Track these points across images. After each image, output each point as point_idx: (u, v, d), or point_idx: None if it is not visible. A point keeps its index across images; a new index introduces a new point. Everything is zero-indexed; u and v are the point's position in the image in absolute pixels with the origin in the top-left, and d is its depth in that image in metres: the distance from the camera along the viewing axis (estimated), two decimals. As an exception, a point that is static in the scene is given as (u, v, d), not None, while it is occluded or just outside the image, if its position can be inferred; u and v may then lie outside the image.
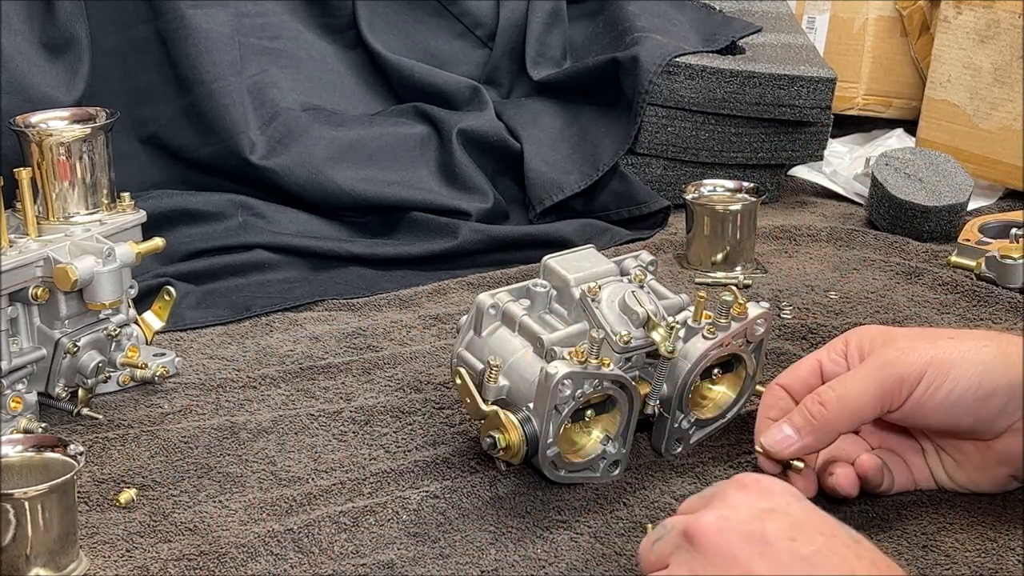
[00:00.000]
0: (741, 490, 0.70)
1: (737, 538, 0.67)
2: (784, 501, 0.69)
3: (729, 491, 0.70)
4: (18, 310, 1.00)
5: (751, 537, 0.67)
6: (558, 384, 0.84)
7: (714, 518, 0.68)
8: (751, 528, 0.67)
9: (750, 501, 0.69)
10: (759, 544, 0.66)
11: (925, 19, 1.83)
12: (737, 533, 0.67)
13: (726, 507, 0.69)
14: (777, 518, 0.67)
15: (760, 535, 0.66)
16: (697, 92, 1.55)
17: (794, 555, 0.65)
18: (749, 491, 0.70)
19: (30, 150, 1.04)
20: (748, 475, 0.71)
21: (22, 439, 0.84)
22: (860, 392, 0.81)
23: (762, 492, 0.69)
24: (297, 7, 1.65)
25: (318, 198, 1.47)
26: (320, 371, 1.10)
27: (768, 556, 0.66)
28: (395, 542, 0.84)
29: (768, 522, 0.67)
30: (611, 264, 0.97)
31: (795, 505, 0.69)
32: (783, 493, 0.70)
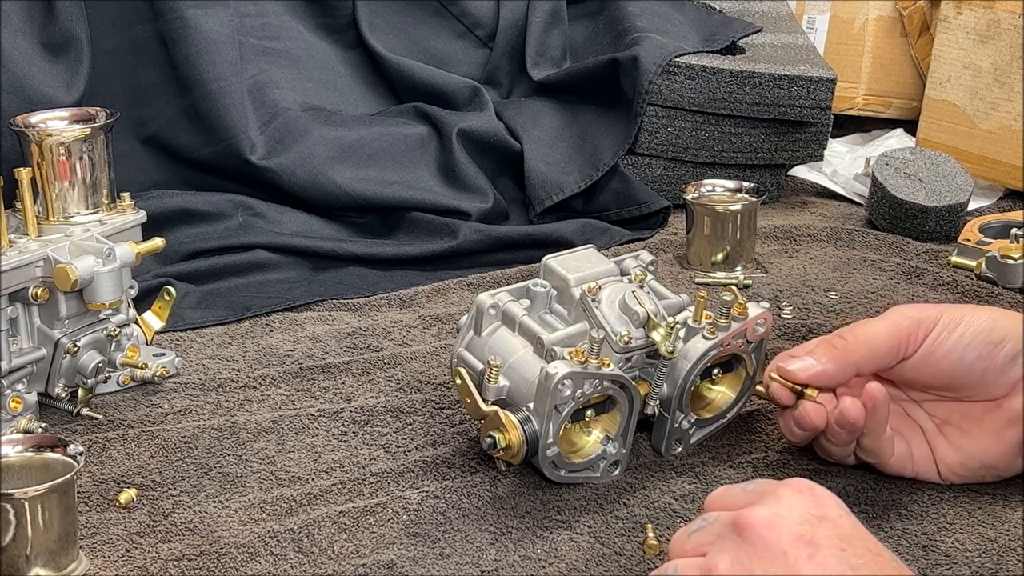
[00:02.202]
0: (796, 493, 0.70)
1: (789, 537, 0.67)
2: (836, 513, 0.69)
3: (783, 492, 0.70)
4: (18, 310, 1.00)
5: (802, 539, 0.67)
6: (558, 384, 0.84)
7: (767, 514, 0.68)
8: (802, 531, 0.67)
9: (803, 505, 0.69)
10: (809, 547, 0.67)
11: (925, 19, 1.83)
12: (789, 533, 0.67)
13: (780, 506, 0.69)
14: (828, 526, 0.68)
15: (811, 538, 0.67)
16: (697, 92, 1.55)
17: (841, 562, 0.66)
18: (804, 496, 0.70)
19: (30, 150, 1.04)
20: (802, 481, 0.71)
21: (22, 439, 0.84)
22: (878, 331, 0.84)
23: (816, 499, 0.70)
24: (297, 7, 1.65)
25: (318, 198, 1.47)
26: (320, 371, 1.10)
27: (816, 560, 0.66)
28: (395, 542, 0.84)
29: (819, 528, 0.67)
30: (611, 264, 0.97)
31: (846, 518, 0.69)
32: (835, 505, 0.70)
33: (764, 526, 0.68)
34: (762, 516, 0.68)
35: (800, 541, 0.67)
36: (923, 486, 0.88)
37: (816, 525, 0.68)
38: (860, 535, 0.68)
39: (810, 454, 0.94)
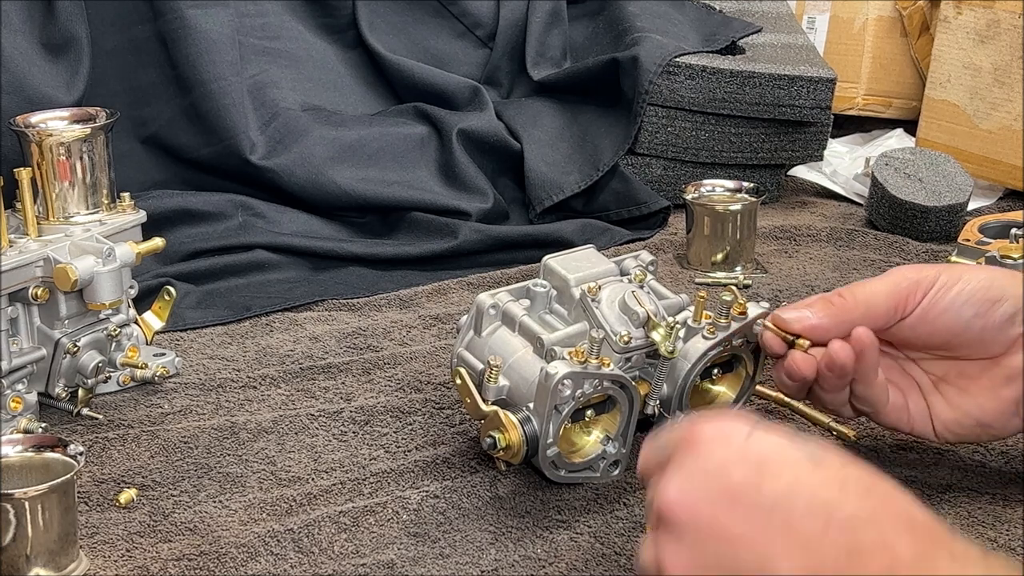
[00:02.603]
0: (692, 449, 0.64)
1: (706, 505, 0.62)
2: (735, 447, 0.63)
3: (681, 454, 0.65)
4: (18, 310, 1.00)
5: (716, 502, 0.62)
6: (558, 384, 0.84)
7: (676, 492, 0.63)
8: (712, 493, 0.62)
9: (704, 458, 0.63)
10: (728, 504, 0.61)
11: (925, 19, 1.83)
12: (703, 502, 0.62)
13: (683, 473, 0.64)
14: (735, 467, 0.62)
15: (725, 496, 0.62)
16: (697, 92, 1.55)
17: (762, 506, 0.61)
18: (700, 447, 0.64)
19: (30, 150, 1.04)
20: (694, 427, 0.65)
21: (22, 439, 0.84)
22: (877, 290, 0.83)
23: (711, 444, 0.64)
24: (297, 7, 1.65)
25: (318, 198, 1.47)
26: (320, 371, 1.10)
27: (741, 512, 0.61)
28: (395, 542, 0.84)
29: (726, 478, 0.62)
30: (611, 264, 0.97)
31: (747, 444, 0.63)
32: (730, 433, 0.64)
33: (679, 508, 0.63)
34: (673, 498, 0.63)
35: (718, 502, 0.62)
36: (923, 486, 0.88)
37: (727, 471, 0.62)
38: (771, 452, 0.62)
39: (810, 454, 0.94)
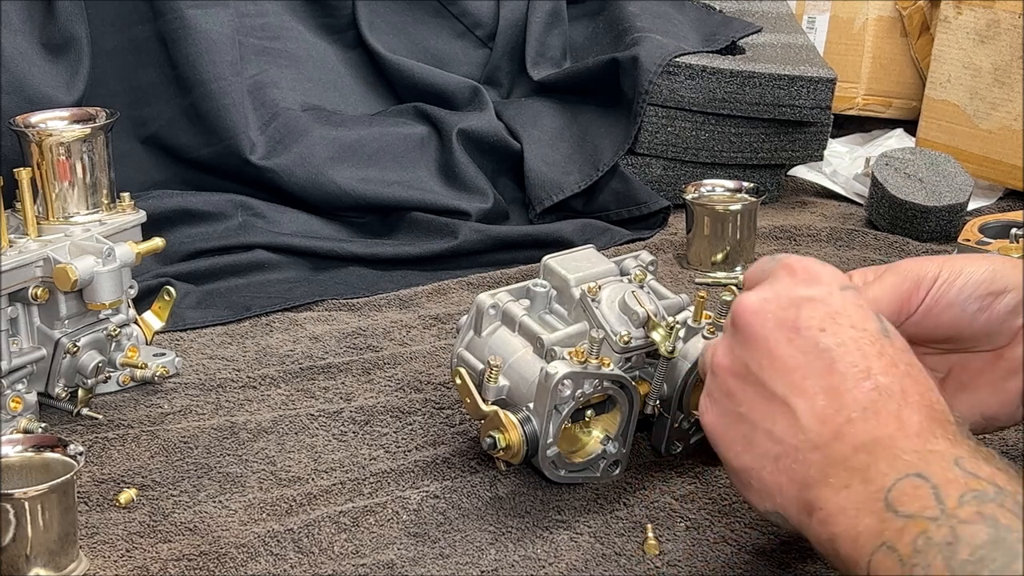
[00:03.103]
0: (788, 273, 0.71)
1: (772, 321, 0.69)
2: (826, 290, 0.70)
3: (778, 272, 0.72)
4: (18, 310, 1.00)
5: (783, 323, 0.69)
6: (558, 384, 0.84)
7: (755, 299, 0.70)
8: (786, 315, 0.69)
9: (793, 285, 0.70)
10: (789, 331, 0.68)
11: (925, 19, 1.83)
12: (773, 317, 0.69)
13: (770, 289, 0.71)
14: (813, 306, 0.69)
15: (792, 322, 0.68)
16: (697, 92, 1.55)
17: (817, 346, 0.67)
18: (795, 275, 0.71)
19: (30, 150, 1.04)
20: (795, 258, 0.72)
21: (22, 439, 0.84)
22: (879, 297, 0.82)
23: (807, 277, 0.71)
24: (297, 7, 1.65)
25: (318, 198, 1.47)
26: (320, 371, 1.10)
27: (795, 344, 0.68)
28: (395, 542, 0.84)
29: (804, 309, 0.69)
30: (611, 264, 0.97)
31: (836, 295, 0.70)
32: (828, 281, 0.70)
33: (750, 312, 0.70)
34: (751, 302, 0.70)
35: (782, 325, 0.69)
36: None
37: (802, 306, 0.69)
38: (847, 311, 0.69)
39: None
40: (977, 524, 0.56)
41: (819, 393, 0.67)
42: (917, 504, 0.59)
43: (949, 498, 0.58)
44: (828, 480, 0.64)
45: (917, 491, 0.59)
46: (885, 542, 0.59)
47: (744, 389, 0.70)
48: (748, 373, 0.70)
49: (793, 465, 0.67)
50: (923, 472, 0.60)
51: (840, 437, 0.65)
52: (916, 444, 0.63)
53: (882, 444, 0.63)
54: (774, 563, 0.80)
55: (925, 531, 0.57)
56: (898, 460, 0.62)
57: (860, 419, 0.65)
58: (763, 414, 0.69)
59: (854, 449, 0.64)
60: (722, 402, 0.72)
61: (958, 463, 0.61)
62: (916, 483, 0.60)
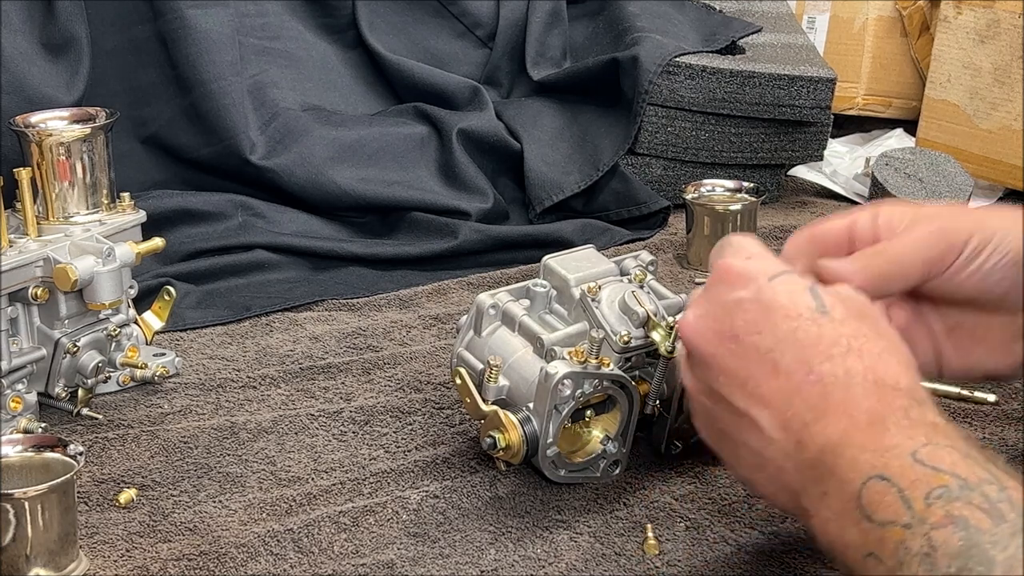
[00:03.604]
0: (719, 280, 0.71)
1: (713, 336, 0.69)
2: (754, 287, 0.69)
3: (710, 284, 0.71)
4: (18, 310, 1.00)
5: (723, 335, 0.69)
6: (558, 384, 0.84)
7: (692, 318, 0.71)
8: (722, 326, 0.69)
9: (725, 291, 0.70)
10: (729, 341, 0.68)
11: (925, 19, 1.83)
12: (712, 332, 0.69)
13: (705, 303, 0.71)
14: (745, 309, 0.68)
15: (729, 332, 0.68)
16: (697, 92, 1.55)
17: (758, 350, 0.67)
18: (724, 280, 0.70)
19: (30, 150, 1.04)
20: (726, 259, 0.71)
21: (22, 439, 0.84)
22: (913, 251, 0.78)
23: (735, 279, 0.70)
24: (297, 7, 1.65)
25: (318, 198, 1.47)
26: (320, 371, 1.10)
27: (738, 354, 0.68)
28: (395, 542, 0.84)
29: (737, 316, 0.68)
30: (611, 264, 0.97)
31: (765, 289, 0.68)
32: (755, 275, 0.69)
33: (692, 332, 0.70)
34: (689, 322, 0.71)
35: (722, 338, 0.68)
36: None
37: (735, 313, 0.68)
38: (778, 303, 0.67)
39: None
40: (948, 528, 0.56)
41: (773, 399, 0.66)
42: (889, 511, 0.59)
43: (916, 500, 0.58)
44: (808, 489, 0.64)
45: (884, 497, 0.59)
46: (871, 552, 0.59)
47: (715, 407, 0.70)
48: (712, 391, 0.70)
49: (777, 475, 0.67)
50: (884, 473, 0.60)
51: (802, 444, 0.65)
52: (871, 439, 0.62)
53: (839, 445, 0.63)
54: (774, 563, 0.80)
55: (903, 541, 0.58)
56: (858, 462, 0.62)
57: (813, 421, 0.65)
58: (735, 429, 0.69)
59: (817, 455, 0.64)
60: (703, 420, 0.73)
61: (916, 457, 0.60)
62: (881, 487, 0.60)
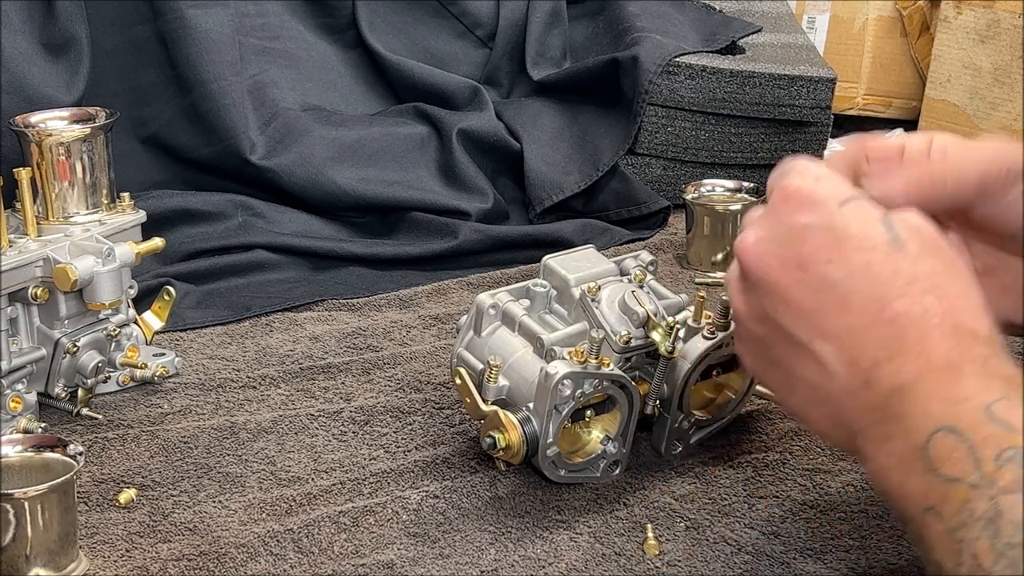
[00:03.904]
0: (784, 202, 0.66)
1: (776, 262, 0.65)
2: (825, 212, 0.64)
3: (773, 206, 0.66)
4: (18, 310, 1.00)
5: (787, 263, 0.65)
6: (558, 384, 0.84)
7: (753, 240, 0.66)
8: (788, 252, 0.65)
9: (790, 213, 0.65)
10: (795, 270, 0.64)
11: (925, 19, 1.84)
12: (775, 257, 0.65)
13: (768, 224, 0.66)
14: (814, 236, 0.64)
15: (796, 259, 0.64)
16: (697, 92, 1.55)
17: (827, 281, 0.63)
18: (790, 203, 0.65)
19: (30, 150, 1.04)
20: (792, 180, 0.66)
21: (22, 439, 0.84)
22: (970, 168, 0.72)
23: (803, 203, 0.65)
24: (297, 7, 1.65)
25: (318, 198, 1.47)
26: (320, 371, 1.10)
27: (804, 284, 0.64)
28: (395, 542, 0.84)
29: (805, 242, 0.64)
30: (611, 264, 0.97)
31: (836, 215, 0.64)
32: (825, 199, 0.65)
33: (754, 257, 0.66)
34: (750, 245, 0.66)
35: (787, 265, 0.65)
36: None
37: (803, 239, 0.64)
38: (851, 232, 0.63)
39: (811, 453, 0.94)
40: (1017, 495, 0.54)
41: (841, 335, 0.63)
42: (956, 467, 0.56)
43: (985, 460, 0.56)
44: (869, 431, 0.62)
45: (953, 452, 0.57)
46: (932, 507, 0.57)
47: (769, 334, 0.67)
48: (767, 319, 0.66)
49: (835, 412, 0.64)
50: (955, 426, 0.57)
51: (869, 384, 0.62)
52: (944, 387, 0.59)
53: (911, 390, 0.60)
54: (774, 563, 0.80)
55: (968, 501, 0.55)
56: (928, 410, 0.59)
57: (885, 360, 0.61)
58: (793, 361, 0.65)
59: (885, 397, 0.61)
60: (752, 348, 0.69)
61: (989, 411, 0.57)
62: (950, 441, 0.57)
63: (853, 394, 0.62)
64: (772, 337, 0.66)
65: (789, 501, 0.88)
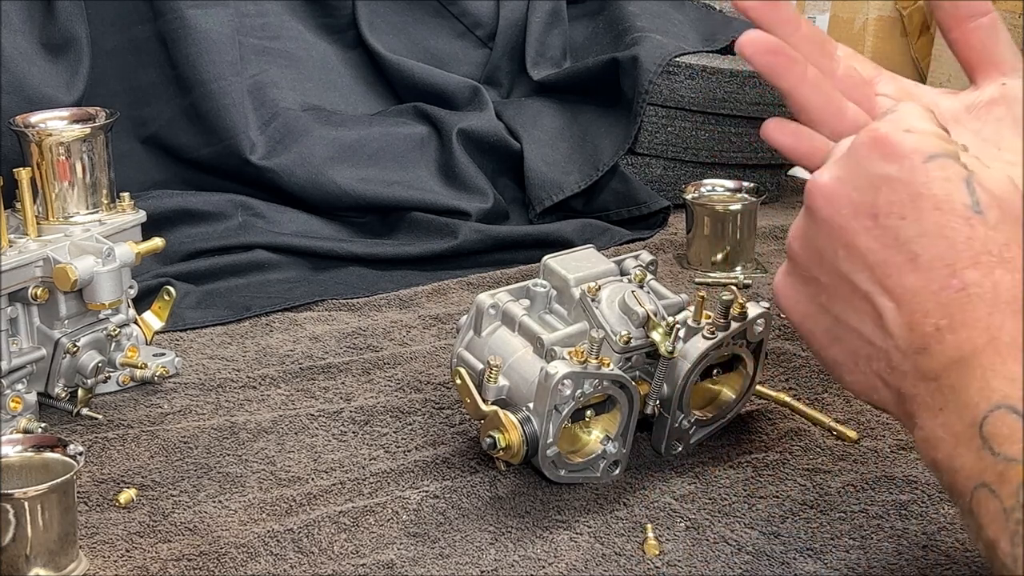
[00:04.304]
0: (868, 147, 0.63)
1: (848, 207, 0.62)
2: (908, 164, 0.61)
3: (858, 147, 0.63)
4: (18, 310, 1.00)
5: (860, 209, 0.62)
6: (558, 384, 0.84)
7: (829, 179, 0.64)
8: (863, 199, 0.62)
9: (872, 160, 0.62)
10: (867, 219, 0.62)
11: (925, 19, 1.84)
12: (848, 202, 0.62)
13: (847, 166, 0.63)
14: (892, 188, 0.61)
15: (870, 208, 0.62)
16: (697, 92, 1.55)
17: (898, 238, 0.60)
18: (874, 149, 0.62)
19: (30, 150, 1.04)
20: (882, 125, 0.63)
21: (22, 439, 0.84)
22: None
23: (887, 151, 0.62)
24: (297, 7, 1.65)
25: (318, 198, 1.47)
26: (320, 371, 1.10)
27: (874, 235, 0.61)
28: (395, 542, 0.84)
29: (882, 192, 0.61)
30: (611, 264, 0.97)
31: (919, 170, 0.61)
32: (910, 153, 0.62)
33: (825, 195, 0.63)
34: (825, 183, 0.64)
35: (859, 212, 0.62)
36: (924, 486, 0.88)
37: (880, 189, 0.61)
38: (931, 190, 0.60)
39: (810, 453, 0.94)
40: None
41: (904, 294, 0.60)
42: (1016, 448, 0.55)
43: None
44: (922, 397, 0.60)
45: (1013, 432, 0.55)
46: (986, 484, 0.56)
47: (824, 278, 0.64)
48: (825, 261, 0.64)
49: (886, 369, 0.62)
50: (1016, 406, 0.56)
51: (928, 350, 0.59)
52: (1008, 366, 0.57)
53: (972, 363, 0.58)
54: (774, 563, 0.80)
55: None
56: (988, 386, 0.57)
57: (948, 328, 0.59)
58: (847, 309, 0.63)
59: (944, 366, 0.59)
60: (801, 289, 0.66)
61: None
62: (1010, 420, 0.55)
63: (908, 357, 0.60)
64: (827, 282, 0.64)
65: (789, 501, 0.88)
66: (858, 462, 0.93)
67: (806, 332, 0.67)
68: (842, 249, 0.63)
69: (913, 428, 0.61)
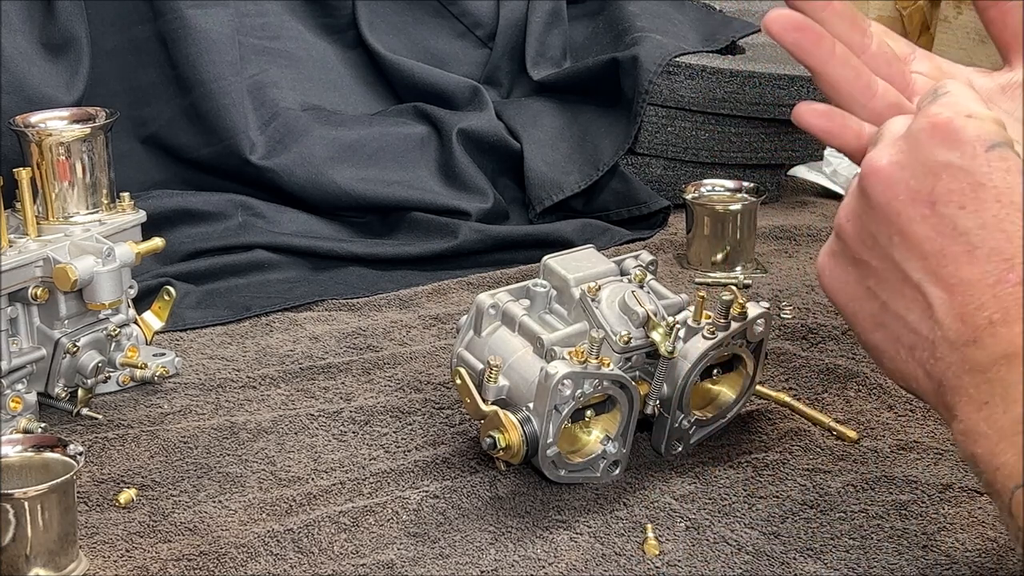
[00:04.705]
0: (928, 132, 0.61)
1: (905, 193, 0.61)
2: (968, 152, 0.60)
3: (917, 127, 0.62)
4: (18, 310, 1.00)
5: (917, 196, 0.61)
6: (558, 384, 0.84)
7: (887, 163, 0.62)
8: (921, 186, 0.61)
9: (932, 146, 0.61)
10: (924, 206, 0.60)
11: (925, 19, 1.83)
12: (906, 188, 0.61)
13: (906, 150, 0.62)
14: (952, 176, 0.60)
15: (928, 195, 0.60)
16: (697, 92, 1.55)
17: (956, 228, 0.59)
18: (935, 135, 0.61)
19: (30, 150, 1.04)
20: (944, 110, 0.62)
21: (22, 439, 0.84)
22: None
23: (947, 138, 0.61)
24: (297, 7, 1.65)
25: (318, 198, 1.47)
26: (320, 371, 1.10)
27: (930, 223, 0.60)
28: (395, 542, 0.84)
29: (941, 180, 0.60)
30: (611, 264, 0.97)
31: (980, 158, 0.60)
32: (971, 139, 0.60)
33: (882, 178, 0.62)
34: (883, 166, 0.62)
35: (916, 199, 0.61)
36: (923, 486, 0.88)
37: (939, 176, 0.60)
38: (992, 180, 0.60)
39: (810, 453, 0.94)
40: None
41: (957, 284, 0.59)
42: None
43: None
44: (966, 390, 0.59)
45: None
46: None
47: (874, 262, 0.63)
48: (877, 245, 0.63)
49: (930, 359, 0.61)
50: None
51: (979, 342, 0.58)
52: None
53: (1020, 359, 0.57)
54: (774, 563, 0.80)
55: None
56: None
57: (1001, 323, 0.58)
58: (895, 296, 0.62)
59: (993, 360, 0.58)
60: (851, 270, 0.65)
61: None
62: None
63: (956, 348, 0.59)
64: (877, 267, 0.63)
65: (789, 501, 0.88)
66: (858, 462, 0.93)
67: (850, 314, 0.66)
68: (896, 235, 0.62)
69: (951, 420, 0.60)
